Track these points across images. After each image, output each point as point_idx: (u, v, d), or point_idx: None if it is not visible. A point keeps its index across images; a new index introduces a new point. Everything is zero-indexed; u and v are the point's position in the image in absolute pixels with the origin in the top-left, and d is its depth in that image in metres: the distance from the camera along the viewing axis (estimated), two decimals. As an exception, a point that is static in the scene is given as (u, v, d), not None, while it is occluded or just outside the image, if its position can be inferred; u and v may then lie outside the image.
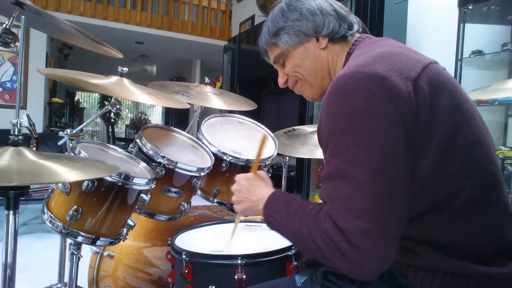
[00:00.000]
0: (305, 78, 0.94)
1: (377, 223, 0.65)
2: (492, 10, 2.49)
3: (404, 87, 0.68)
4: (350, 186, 0.67)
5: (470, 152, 0.72)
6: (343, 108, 0.70)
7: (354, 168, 0.67)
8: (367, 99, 0.67)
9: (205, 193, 1.44)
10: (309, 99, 0.97)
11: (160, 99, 1.31)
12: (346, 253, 0.65)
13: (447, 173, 0.70)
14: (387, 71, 0.69)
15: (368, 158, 0.66)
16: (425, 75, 0.71)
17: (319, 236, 0.69)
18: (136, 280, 1.38)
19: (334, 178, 0.70)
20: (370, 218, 0.65)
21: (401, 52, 0.76)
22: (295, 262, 1.06)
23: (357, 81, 0.69)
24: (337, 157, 0.70)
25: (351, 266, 0.66)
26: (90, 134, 10.98)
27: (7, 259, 0.88)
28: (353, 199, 0.66)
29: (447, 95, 0.72)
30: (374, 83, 0.68)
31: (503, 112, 2.58)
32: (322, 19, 0.89)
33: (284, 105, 4.28)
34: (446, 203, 0.71)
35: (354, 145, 0.68)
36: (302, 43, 0.91)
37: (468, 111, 0.75)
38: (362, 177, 0.66)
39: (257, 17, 5.46)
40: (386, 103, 0.67)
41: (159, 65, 8.50)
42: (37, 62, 4.80)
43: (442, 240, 0.71)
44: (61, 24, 1.21)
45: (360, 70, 0.70)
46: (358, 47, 0.88)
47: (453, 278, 0.70)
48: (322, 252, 0.69)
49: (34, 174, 0.78)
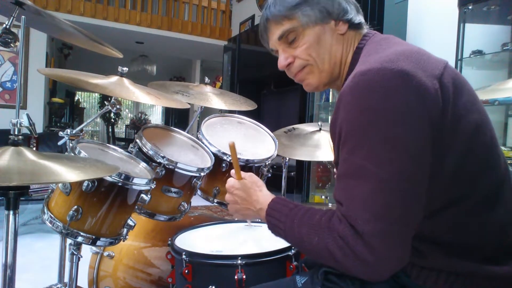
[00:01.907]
0: (317, 63, 0.88)
1: (397, 225, 0.64)
2: (492, 10, 2.49)
3: (430, 85, 0.67)
4: (371, 184, 0.65)
5: (488, 151, 0.72)
6: (368, 104, 0.67)
7: (377, 167, 0.65)
8: (394, 95, 0.65)
9: (205, 193, 1.43)
10: (312, 88, 0.91)
11: (160, 99, 1.31)
12: (361, 255, 0.64)
13: (466, 173, 0.70)
14: (413, 68, 0.67)
15: (393, 157, 0.64)
16: (446, 73, 0.71)
17: (332, 242, 0.67)
18: (136, 280, 1.38)
19: (353, 176, 0.67)
20: (389, 219, 0.64)
21: (420, 50, 0.75)
22: (295, 262, 1.06)
23: (383, 77, 0.67)
24: (358, 154, 0.67)
25: (365, 268, 0.65)
26: (90, 134, 10.98)
27: (7, 259, 0.88)
28: (374, 199, 0.64)
29: (466, 94, 0.72)
30: (401, 80, 0.66)
31: (503, 112, 2.58)
32: (346, 4, 0.88)
33: (284, 105, 4.28)
34: (459, 203, 0.70)
35: (379, 142, 0.65)
36: (323, 22, 0.86)
37: (484, 111, 0.75)
38: (385, 177, 0.64)
39: (257, 17, 5.46)
40: (414, 101, 0.65)
41: (159, 65, 8.50)
42: (37, 62, 4.80)
43: (449, 239, 0.71)
44: (61, 24, 1.21)
45: (386, 66, 0.67)
46: (369, 42, 0.86)
47: (457, 278, 0.70)
48: (334, 257, 0.67)
49: (34, 174, 0.78)
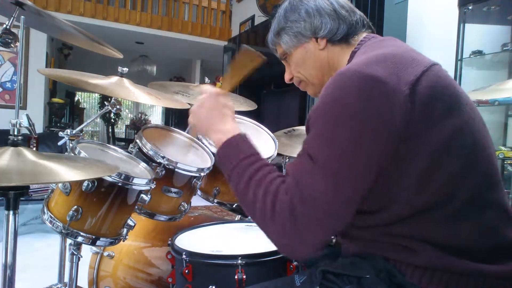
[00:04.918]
0: (307, 78, 0.96)
1: (326, 215, 0.69)
2: (492, 10, 2.50)
3: (401, 92, 0.68)
4: (316, 173, 0.69)
5: (469, 154, 0.72)
6: (337, 102, 0.71)
7: (327, 159, 0.69)
8: (362, 99, 0.69)
9: (205, 193, 1.44)
10: (312, 95, 1.00)
11: (160, 99, 1.31)
12: (286, 228, 0.69)
13: (444, 174, 0.70)
14: (387, 74, 0.69)
15: (342, 154, 0.69)
16: (425, 78, 0.71)
17: (270, 205, 0.71)
18: (136, 280, 1.38)
19: (306, 158, 0.72)
20: (322, 209, 0.68)
21: (404, 53, 0.76)
22: (296, 262, 1.05)
23: (355, 79, 0.70)
24: (316, 141, 0.72)
25: (286, 242, 0.70)
26: (90, 134, 10.97)
27: (7, 259, 0.88)
28: (313, 185, 0.69)
29: (447, 98, 0.72)
30: (372, 85, 0.69)
31: (503, 112, 2.59)
32: (320, 20, 0.89)
33: (284, 105, 4.28)
34: (442, 204, 0.71)
35: (327, 139, 0.70)
36: (301, 44, 0.92)
37: (468, 114, 0.75)
38: (329, 171, 0.69)
39: (257, 17, 5.46)
40: (380, 107, 0.68)
41: (159, 65, 8.50)
42: (37, 62, 4.80)
43: (440, 239, 0.71)
44: (61, 24, 1.21)
45: (361, 70, 0.70)
46: (364, 46, 0.87)
47: (452, 277, 0.70)
48: (265, 216, 0.71)
49: (34, 174, 0.78)
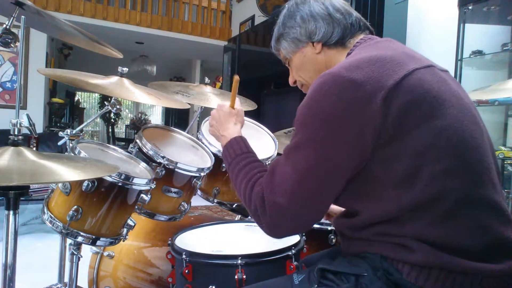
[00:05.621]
0: (307, 81, 0.98)
1: (292, 203, 0.76)
2: (492, 10, 2.50)
3: (375, 96, 0.70)
4: (289, 168, 0.77)
5: (453, 154, 0.73)
6: (314, 103, 0.76)
7: (299, 156, 0.76)
8: (335, 103, 0.72)
9: (205, 193, 1.44)
10: None
11: (160, 99, 1.32)
12: (261, 214, 0.80)
13: (429, 174, 0.71)
14: (364, 79, 0.72)
15: (311, 155, 0.74)
16: (404, 83, 0.72)
17: (255, 195, 0.82)
18: (136, 280, 1.38)
19: (284, 154, 0.80)
20: (289, 200, 0.76)
21: (393, 56, 0.76)
22: (295, 262, 1.05)
23: (333, 82, 0.73)
24: (294, 139, 0.79)
25: (262, 224, 0.81)
26: (90, 134, 10.97)
27: (7, 259, 0.88)
28: (283, 175, 0.77)
29: (428, 102, 0.73)
30: (347, 90, 0.72)
31: (503, 112, 2.58)
32: (314, 25, 0.92)
33: (284, 105, 4.27)
34: (433, 203, 0.71)
35: (303, 138, 0.76)
36: (299, 49, 0.96)
37: (454, 115, 0.75)
38: (299, 168, 0.75)
39: (257, 17, 5.45)
40: (352, 111, 0.71)
41: (159, 65, 8.50)
42: (37, 62, 4.79)
43: (435, 238, 0.71)
44: (61, 24, 1.21)
45: (340, 73, 0.74)
46: (358, 48, 0.88)
47: (448, 275, 0.70)
48: (248, 205, 0.84)
49: (34, 174, 0.78)
